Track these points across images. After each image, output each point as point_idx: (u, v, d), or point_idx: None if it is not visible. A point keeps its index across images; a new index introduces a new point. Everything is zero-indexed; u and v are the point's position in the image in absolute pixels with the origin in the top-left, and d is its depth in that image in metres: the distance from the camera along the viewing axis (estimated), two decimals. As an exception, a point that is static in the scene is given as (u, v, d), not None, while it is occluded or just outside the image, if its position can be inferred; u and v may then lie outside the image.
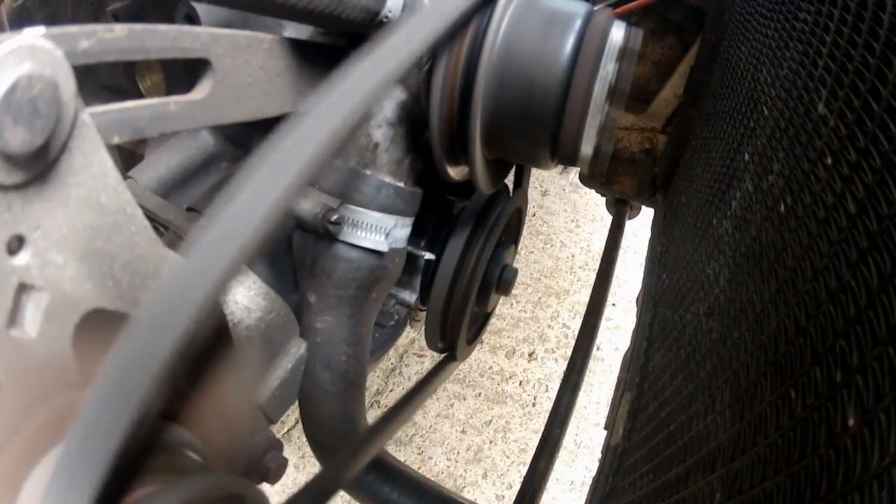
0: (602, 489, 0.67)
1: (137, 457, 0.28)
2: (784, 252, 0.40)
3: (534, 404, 1.66)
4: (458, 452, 1.54)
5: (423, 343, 0.93)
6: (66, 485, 0.21)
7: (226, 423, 0.45)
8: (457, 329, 0.74)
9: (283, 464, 0.52)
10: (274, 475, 0.51)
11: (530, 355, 1.77)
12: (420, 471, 0.78)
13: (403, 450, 1.52)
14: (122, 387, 0.22)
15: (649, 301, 0.87)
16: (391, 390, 1.64)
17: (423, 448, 1.54)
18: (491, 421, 1.61)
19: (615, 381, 0.88)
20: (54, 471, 0.21)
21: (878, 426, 0.25)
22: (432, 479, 0.76)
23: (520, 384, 1.70)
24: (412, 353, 1.73)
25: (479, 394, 1.67)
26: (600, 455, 0.76)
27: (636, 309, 0.95)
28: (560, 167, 2.36)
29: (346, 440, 0.64)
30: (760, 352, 0.39)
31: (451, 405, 1.63)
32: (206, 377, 0.42)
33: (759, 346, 0.39)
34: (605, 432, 0.77)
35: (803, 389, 0.31)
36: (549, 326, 1.86)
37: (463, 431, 1.58)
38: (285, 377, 0.55)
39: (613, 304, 1.93)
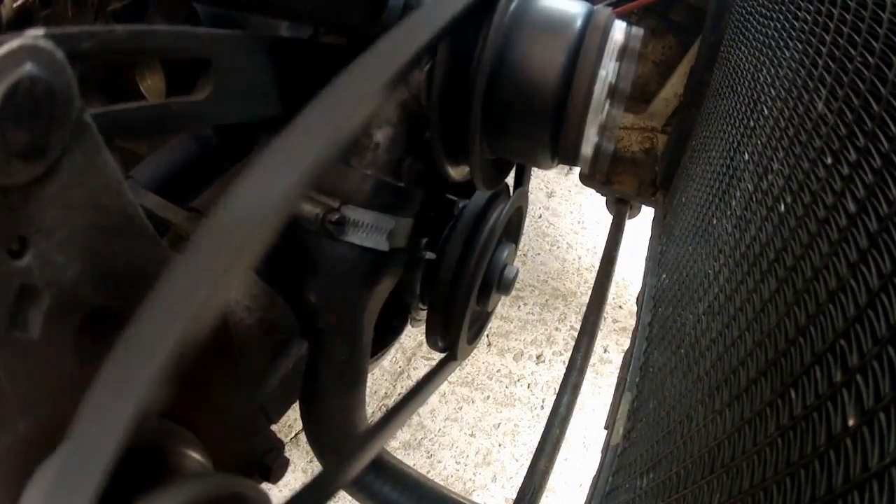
0: (602, 488, 0.67)
1: (139, 458, 0.29)
2: (784, 251, 0.40)
3: (542, 407, 1.65)
4: (468, 456, 1.54)
5: (433, 346, 0.92)
6: (67, 487, 0.21)
7: (226, 423, 0.45)
8: (457, 328, 0.74)
9: (285, 463, 0.52)
10: (275, 474, 0.51)
11: (538, 358, 1.77)
12: (429, 475, 0.78)
13: (412, 453, 1.52)
14: (123, 387, 0.22)
15: (649, 301, 0.87)
16: (399, 393, 1.63)
17: (432, 452, 1.53)
18: (500, 424, 1.61)
19: (621, 382, 0.88)
20: (56, 473, 0.21)
21: (878, 426, 0.25)
22: (441, 483, 0.76)
23: (528, 387, 1.70)
24: (420, 356, 1.72)
25: (488, 397, 1.66)
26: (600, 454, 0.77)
27: (636, 309, 0.95)
28: (565, 168, 2.35)
29: (346, 440, 0.64)
30: (760, 351, 0.39)
31: (460, 408, 1.63)
32: (207, 377, 0.42)
33: (759, 346, 0.39)
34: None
35: (803, 389, 0.31)
36: (556, 329, 1.85)
37: (472, 435, 1.58)
38: (285, 377, 0.55)
39: (620, 307, 1.92)
